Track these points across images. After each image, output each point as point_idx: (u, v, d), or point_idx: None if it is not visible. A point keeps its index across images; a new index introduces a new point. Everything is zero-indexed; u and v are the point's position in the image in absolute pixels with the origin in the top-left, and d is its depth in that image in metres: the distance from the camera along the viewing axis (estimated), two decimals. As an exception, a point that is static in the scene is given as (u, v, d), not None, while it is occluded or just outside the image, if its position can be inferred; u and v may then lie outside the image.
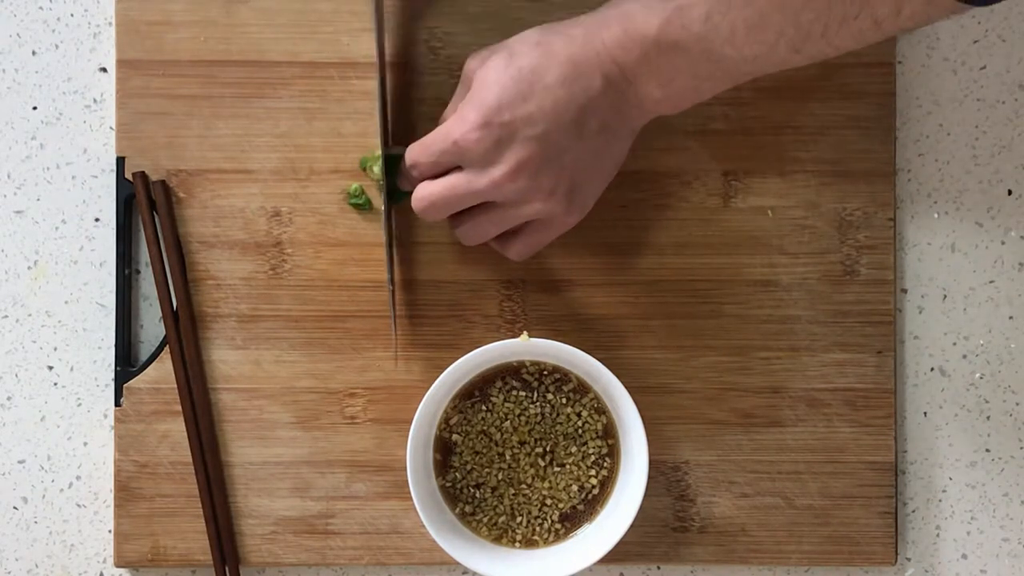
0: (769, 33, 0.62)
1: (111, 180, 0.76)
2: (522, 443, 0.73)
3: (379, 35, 0.71)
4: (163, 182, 0.75)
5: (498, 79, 0.66)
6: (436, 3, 0.75)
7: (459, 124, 0.66)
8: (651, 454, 0.70)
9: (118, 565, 0.76)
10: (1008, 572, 0.77)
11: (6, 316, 0.77)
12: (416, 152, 0.69)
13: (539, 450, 0.73)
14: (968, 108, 0.77)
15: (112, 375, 0.76)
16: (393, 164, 0.73)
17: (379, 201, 0.75)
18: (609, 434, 0.73)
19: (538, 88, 0.65)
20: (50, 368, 0.77)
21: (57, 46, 0.77)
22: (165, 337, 0.75)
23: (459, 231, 0.71)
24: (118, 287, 0.76)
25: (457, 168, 0.68)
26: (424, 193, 0.69)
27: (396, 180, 0.73)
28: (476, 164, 0.67)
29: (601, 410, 0.73)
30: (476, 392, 0.73)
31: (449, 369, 0.70)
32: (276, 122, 0.75)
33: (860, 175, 0.76)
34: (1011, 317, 0.77)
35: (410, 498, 0.70)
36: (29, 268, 0.77)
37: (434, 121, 0.74)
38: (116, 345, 0.76)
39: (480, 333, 0.75)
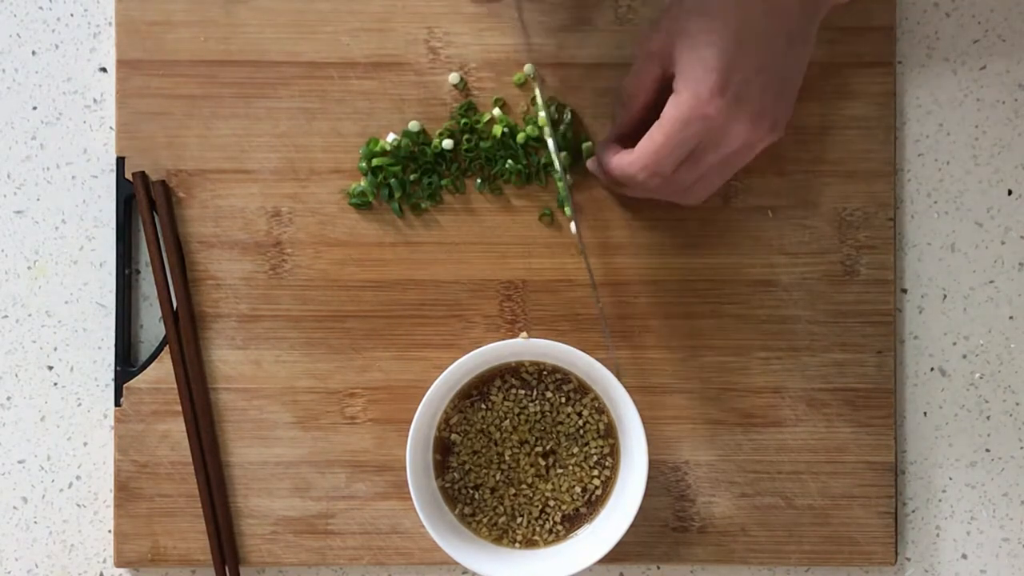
0: None
1: (111, 180, 0.76)
2: (522, 442, 0.73)
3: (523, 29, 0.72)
4: (163, 182, 0.75)
5: (713, 41, 0.65)
6: (435, 3, 0.75)
7: (696, 102, 0.65)
8: (651, 454, 0.70)
9: (118, 565, 0.76)
10: (1008, 572, 0.77)
11: (6, 316, 0.77)
12: (654, 159, 0.67)
13: (539, 449, 0.73)
14: (968, 108, 0.77)
15: (112, 375, 0.76)
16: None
17: (377, 202, 0.75)
18: (610, 434, 0.73)
19: (751, 35, 0.65)
20: (50, 368, 0.77)
21: (57, 46, 0.77)
22: (165, 337, 0.75)
23: (691, 193, 0.70)
24: (118, 287, 0.76)
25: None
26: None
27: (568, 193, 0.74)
28: (718, 132, 0.66)
29: (601, 410, 0.73)
30: (475, 391, 0.73)
31: (449, 369, 0.70)
32: (276, 122, 0.75)
33: (860, 175, 0.76)
34: (1011, 317, 0.77)
35: (410, 498, 0.70)
36: (29, 268, 0.77)
37: (436, 122, 0.74)
38: (116, 345, 0.76)
39: (480, 333, 0.75)
